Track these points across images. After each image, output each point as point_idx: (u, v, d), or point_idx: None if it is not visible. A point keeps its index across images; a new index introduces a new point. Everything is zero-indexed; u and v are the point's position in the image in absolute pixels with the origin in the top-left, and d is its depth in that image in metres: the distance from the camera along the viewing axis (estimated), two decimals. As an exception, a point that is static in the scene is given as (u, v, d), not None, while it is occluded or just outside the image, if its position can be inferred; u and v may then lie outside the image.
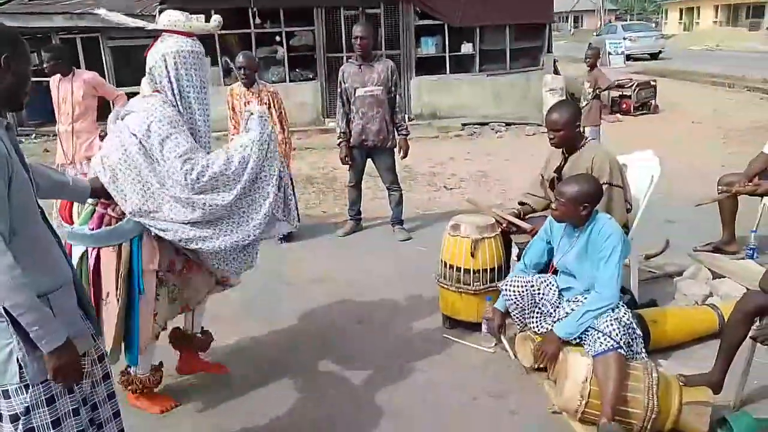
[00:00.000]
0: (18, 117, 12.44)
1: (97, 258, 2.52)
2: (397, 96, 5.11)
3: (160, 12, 10.35)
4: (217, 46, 10.98)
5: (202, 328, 3.17)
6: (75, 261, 2.51)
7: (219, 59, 11.06)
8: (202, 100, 2.66)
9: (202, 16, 2.70)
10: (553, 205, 2.92)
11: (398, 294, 4.15)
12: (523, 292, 2.99)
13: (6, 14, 12.55)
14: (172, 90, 2.58)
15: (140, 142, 2.47)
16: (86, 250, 2.53)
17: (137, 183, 2.48)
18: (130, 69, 10.38)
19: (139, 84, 4.83)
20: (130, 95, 4.46)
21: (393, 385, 3.10)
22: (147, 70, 2.62)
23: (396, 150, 5.24)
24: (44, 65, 5.07)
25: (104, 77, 11.46)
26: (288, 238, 5.30)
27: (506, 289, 3.07)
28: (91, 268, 2.52)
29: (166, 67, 2.56)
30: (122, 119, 2.58)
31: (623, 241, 2.82)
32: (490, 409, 2.88)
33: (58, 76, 5.09)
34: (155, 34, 2.64)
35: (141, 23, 2.68)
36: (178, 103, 2.59)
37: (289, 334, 3.70)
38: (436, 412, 2.88)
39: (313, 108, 11.47)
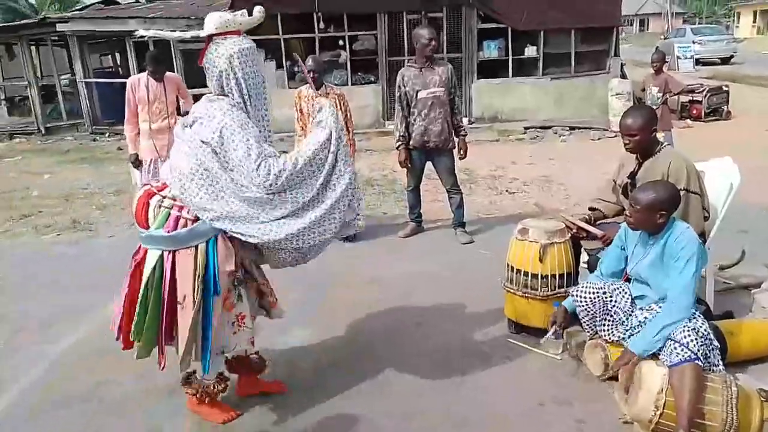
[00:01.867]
0: (93, 116, 13.05)
1: (173, 261, 2.53)
2: (456, 98, 5.17)
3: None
4: (282, 50, 11.23)
5: (257, 352, 3.02)
6: (149, 267, 2.55)
7: (284, 63, 11.31)
8: (263, 95, 2.69)
9: (245, 11, 2.65)
10: (627, 213, 2.85)
11: (459, 297, 4.13)
12: (594, 298, 2.94)
13: (84, 19, 13.22)
14: (240, 91, 2.60)
15: (213, 151, 2.48)
16: (162, 254, 2.55)
17: (211, 190, 2.49)
18: (199, 71, 10.75)
19: (206, 86, 5.05)
20: (197, 97, 4.65)
21: (455, 389, 3.09)
22: (213, 75, 2.61)
23: (455, 151, 5.26)
24: (147, 68, 5.44)
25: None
26: (351, 238, 5.38)
27: (577, 295, 3.01)
28: (168, 272, 2.54)
29: (233, 69, 2.57)
30: (190, 127, 2.59)
31: (701, 251, 2.73)
32: (556, 416, 2.83)
33: (144, 76, 5.37)
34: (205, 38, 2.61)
35: (188, 33, 2.71)
36: (247, 103, 2.61)
37: (345, 336, 3.71)
38: (499, 418, 2.85)
39: (374, 110, 11.57)
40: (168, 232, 2.53)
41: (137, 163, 5.52)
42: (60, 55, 14.88)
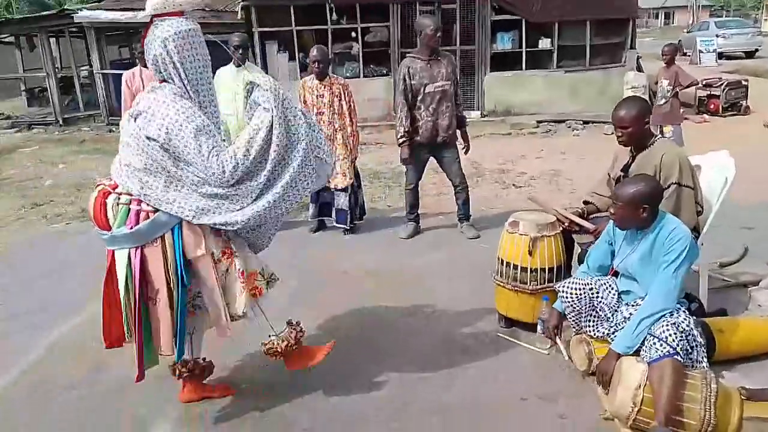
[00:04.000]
0: (109, 107, 13.21)
1: (143, 257, 2.47)
2: (458, 89, 5.07)
3: (242, 9, 10.65)
4: (295, 42, 11.25)
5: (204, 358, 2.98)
6: (121, 268, 2.49)
7: (296, 55, 11.32)
8: (208, 80, 2.57)
9: None
10: (611, 210, 2.81)
11: (455, 290, 4.12)
12: (580, 294, 2.91)
13: (101, 9, 13.36)
14: (180, 77, 2.46)
15: (162, 147, 2.40)
16: (129, 252, 2.48)
17: (171, 183, 2.44)
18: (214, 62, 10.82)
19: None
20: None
21: (443, 381, 3.09)
22: (149, 60, 2.50)
23: (458, 144, 5.16)
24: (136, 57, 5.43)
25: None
26: (352, 229, 5.40)
27: (563, 291, 2.99)
28: (137, 269, 2.46)
29: (168, 53, 2.43)
30: (135, 120, 2.47)
31: (691, 247, 2.68)
32: (539, 411, 2.82)
33: (138, 68, 5.41)
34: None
35: (129, 14, 2.65)
36: (188, 89, 2.48)
37: (338, 325, 3.73)
38: (483, 410, 2.85)
39: (385, 103, 11.54)
40: (130, 228, 2.46)
41: None
42: (79, 46, 15.07)
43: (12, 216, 6.59)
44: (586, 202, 3.63)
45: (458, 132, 5.13)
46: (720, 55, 21.81)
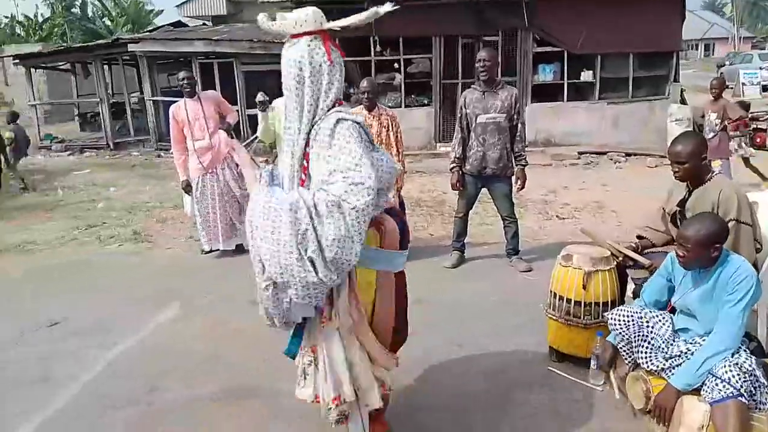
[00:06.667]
0: (158, 133, 13.64)
1: None
2: (519, 124, 4.99)
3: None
4: (339, 72, 11.48)
5: None
6: None
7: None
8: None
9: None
10: (679, 252, 2.76)
11: (502, 322, 4.11)
12: (629, 322, 2.89)
13: (154, 40, 13.90)
14: None
15: None
16: None
17: None
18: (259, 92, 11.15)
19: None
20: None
21: (491, 415, 3.08)
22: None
23: (513, 180, 5.13)
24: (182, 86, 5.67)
25: (237, 98, 12.43)
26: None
27: (612, 319, 2.98)
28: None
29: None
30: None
31: (756, 286, 2.65)
32: (596, 448, 2.79)
33: (182, 101, 5.62)
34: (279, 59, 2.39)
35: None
36: None
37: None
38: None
39: (426, 133, 11.67)
40: None
41: (188, 188, 5.78)
42: (131, 74, 15.68)
43: (67, 236, 6.85)
44: (639, 237, 3.60)
45: (516, 167, 5.07)
46: (764, 88, 21.41)
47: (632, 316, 2.91)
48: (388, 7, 2.30)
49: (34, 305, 4.79)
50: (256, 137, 6.26)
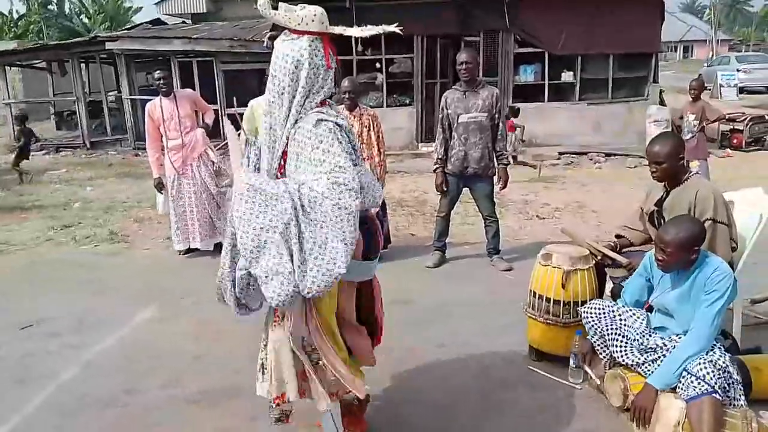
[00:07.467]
0: (136, 132, 13.47)
1: None
2: (500, 123, 5.02)
3: (269, 39, 10.72)
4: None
5: None
6: None
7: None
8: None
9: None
10: (658, 257, 2.78)
11: (483, 321, 4.12)
12: (600, 314, 2.95)
13: (132, 38, 13.73)
14: None
15: None
16: None
17: None
18: (239, 91, 11.08)
19: (245, 105, 5.19)
20: (241, 115, 4.79)
21: (471, 414, 3.07)
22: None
23: (495, 179, 5.16)
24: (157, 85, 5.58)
25: (216, 97, 12.31)
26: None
27: (585, 312, 3.04)
28: None
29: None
30: None
31: (733, 286, 2.68)
32: (575, 446, 2.80)
33: (158, 99, 5.55)
34: (266, 59, 2.45)
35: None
36: None
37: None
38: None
39: (408, 132, 11.68)
40: None
41: (160, 186, 5.71)
42: (108, 72, 15.46)
43: (42, 237, 6.72)
44: (618, 236, 3.63)
45: (498, 166, 5.10)
46: (741, 90, 21.79)
47: (604, 309, 2.96)
48: (394, 28, 2.30)
49: (9, 305, 4.69)
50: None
